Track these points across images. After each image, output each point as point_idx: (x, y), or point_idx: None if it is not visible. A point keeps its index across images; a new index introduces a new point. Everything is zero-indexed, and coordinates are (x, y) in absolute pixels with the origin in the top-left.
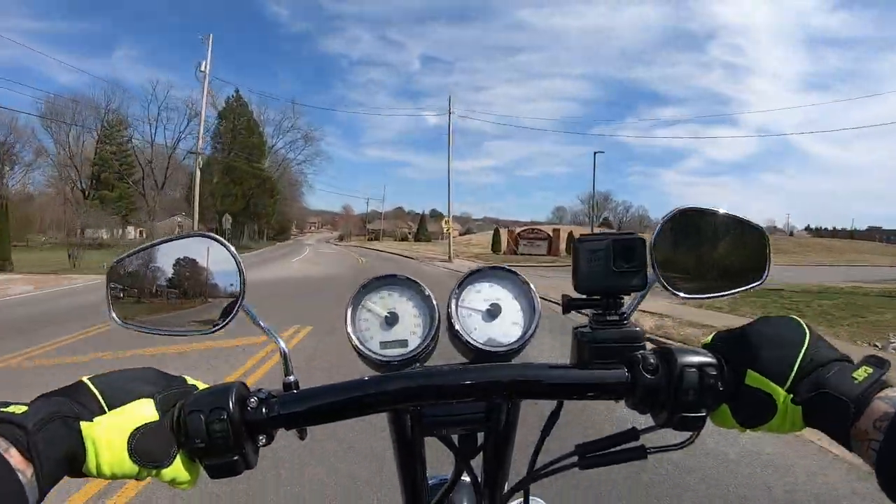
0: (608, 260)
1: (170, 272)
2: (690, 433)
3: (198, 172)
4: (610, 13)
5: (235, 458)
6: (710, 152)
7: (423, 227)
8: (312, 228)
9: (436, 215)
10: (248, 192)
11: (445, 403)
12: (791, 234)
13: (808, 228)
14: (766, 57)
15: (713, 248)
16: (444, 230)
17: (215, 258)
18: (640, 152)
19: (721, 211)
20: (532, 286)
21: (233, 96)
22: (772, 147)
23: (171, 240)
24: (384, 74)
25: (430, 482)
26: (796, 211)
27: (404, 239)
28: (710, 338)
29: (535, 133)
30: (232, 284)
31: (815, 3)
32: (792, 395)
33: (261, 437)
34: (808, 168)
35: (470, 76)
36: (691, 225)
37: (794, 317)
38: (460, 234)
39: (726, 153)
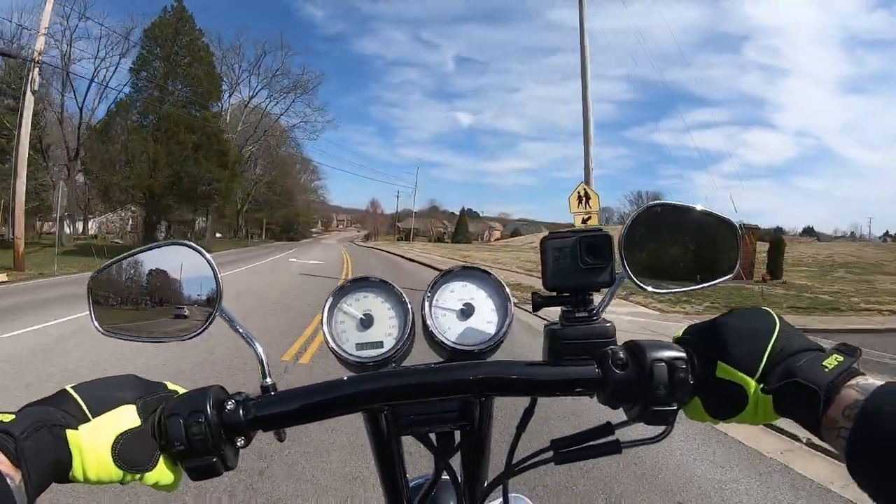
0: (575, 257)
1: (148, 280)
2: (664, 427)
3: (28, 103)
4: (646, 14)
5: (214, 459)
6: (746, 154)
7: (462, 228)
8: (340, 227)
9: (473, 216)
10: (180, 154)
11: (420, 402)
12: (885, 239)
13: (887, 235)
14: (804, 58)
15: (684, 243)
16: (487, 234)
17: (191, 265)
18: (674, 155)
19: (692, 205)
20: (505, 285)
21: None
22: (808, 151)
23: (148, 249)
24: (419, 75)
25: (411, 483)
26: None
27: (439, 239)
28: (681, 332)
29: (570, 135)
30: (209, 290)
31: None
32: (762, 385)
33: (239, 439)
34: (845, 172)
35: (504, 77)
36: (662, 220)
37: (766, 308)
38: (503, 237)
39: (762, 156)
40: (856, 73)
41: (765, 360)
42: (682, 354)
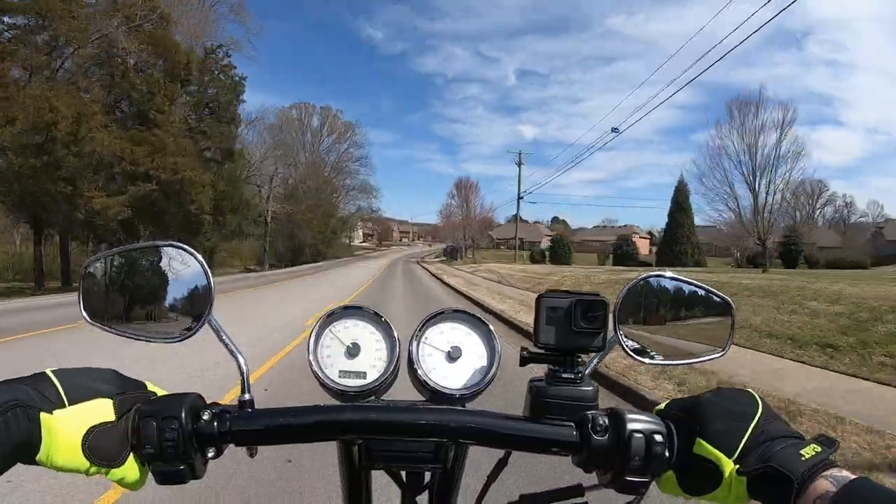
0: (569, 318)
1: (142, 277)
2: (634, 496)
3: None
4: (706, 15)
5: (182, 467)
6: (818, 154)
7: (562, 243)
8: (405, 240)
9: (558, 223)
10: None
11: (395, 439)
12: None
13: None
14: (869, 51)
15: (678, 316)
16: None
17: (186, 269)
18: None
19: (689, 280)
20: (495, 334)
21: None
22: (879, 149)
23: (146, 246)
24: (480, 90)
25: None
26: None
27: (540, 260)
28: (664, 404)
29: (638, 143)
30: (201, 296)
31: None
32: (738, 467)
33: (210, 450)
34: None
35: (566, 88)
36: (658, 292)
37: (750, 390)
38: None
39: (834, 156)
40: None
41: (743, 441)
42: (662, 428)
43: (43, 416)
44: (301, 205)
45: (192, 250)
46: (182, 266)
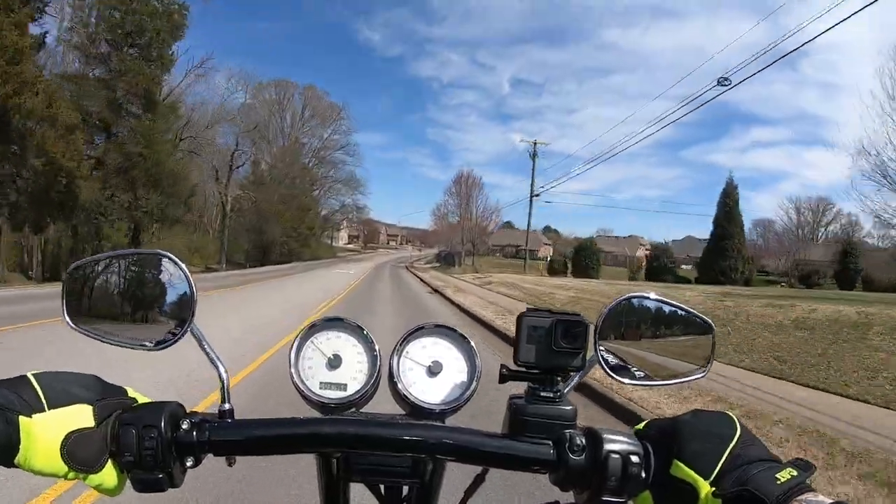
0: (550, 338)
1: (125, 284)
2: None
3: None
4: (702, 32)
5: (161, 476)
6: (808, 174)
7: (586, 254)
8: (392, 243)
9: (551, 232)
10: None
11: (374, 453)
12: None
13: None
14: (861, 73)
15: (658, 337)
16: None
17: (170, 277)
18: (733, 175)
19: (671, 301)
20: (476, 351)
21: None
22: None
23: (130, 253)
24: (475, 97)
25: None
26: None
27: (553, 270)
28: (643, 425)
29: (629, 156)
30: (183, 305)
31: None
32: (714, 489)
33: (189, 459)
34: None
35: (561, 98)
36: (639, 312)
37: (729, 413)
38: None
39: (825, 175)
40: None
41: (720, 464)
42: (639, 450)
43: (22, 419)
44: (273, 194)
45: (177, 259)
46: (166, 274)
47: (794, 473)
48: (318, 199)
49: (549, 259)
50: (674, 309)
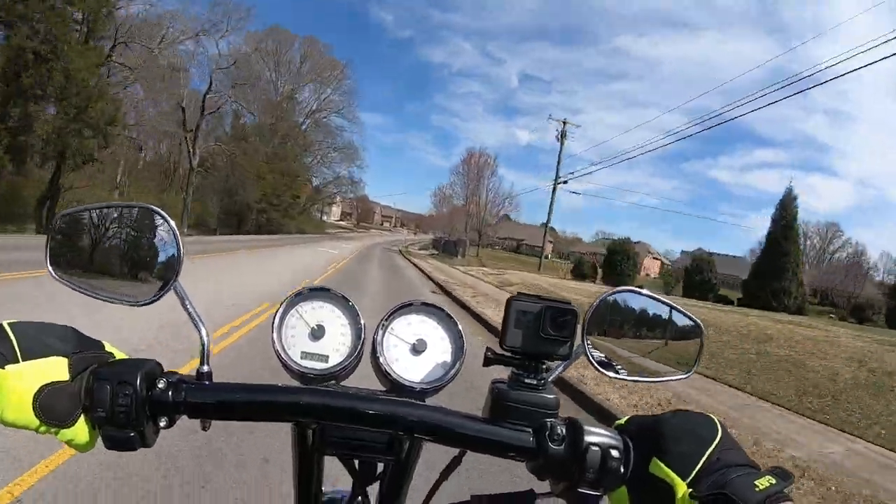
0: (538, 324)
1: (111, 237)
2: None
3: None
4: (713, 47)
5: (133, 434)
6: (806, 200)
7: (621, 258)
8: (387, 225)
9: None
10: None
11: (351, 427)
12: None
13: None
14: (871, 105)
15: (648, 333)
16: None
17: (157, 232)
18: (729, 193)
19: (662, 298)
20: (462, 331)
21: None
22: (866, 202)
23: (118, 206)
24: (482, 88)
25: (325, 495)
26: None
27: (580, 273)
28: (624, 420)
29: (630, 163)
30: (169, 262)
31: None
32: (691, 490)
33: (162, 420)
34: None
35: (567, 98)
36: (630, 306)
37: (711, 415)
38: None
39: (823, 203)
40: None
41: (699, 465)
42: (619, 444)
43: None
44: (256, 154)
45: (165, 214)
46: (153, 229)
47: (773, 481)
48: (309, 168)
49: (574, 259)
50: (664, 307)
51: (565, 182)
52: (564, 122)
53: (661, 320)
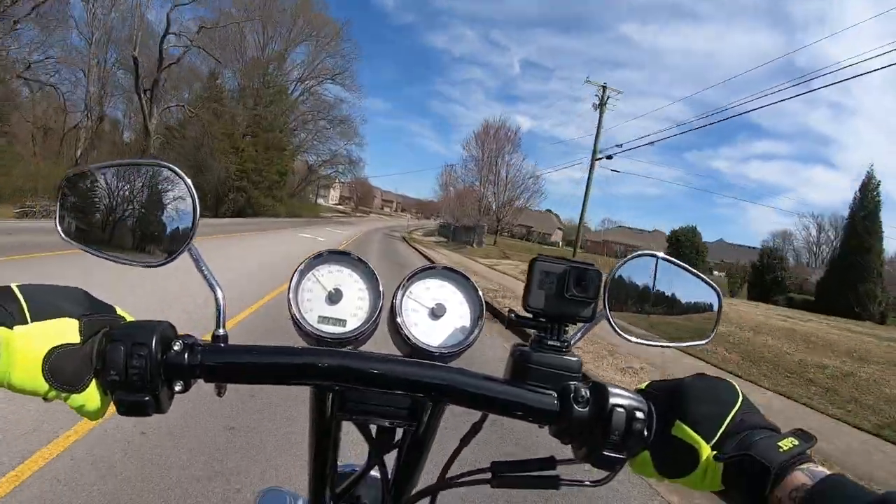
0: (562, 285)
1: (124, 196)
2: (607, 472)
3: None
4: (716, 38)
5: (147, 398)
6: (805, 192)
7: (687, 244)
8: (387, 209)
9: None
10: None
11: (371, 391)
12: None
13: None
14: (872, 100)
15: (667, 299)
16: None
17: (171, 191)
18: (731, 184)
19: (683, 264)
20: (480, 293)
21: None
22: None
23: (130, 163)
24: (484, 74)
25: (339, 469)
26: None
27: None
28: (645, 385)
29: (627, 154)
30: (184, 222)
31: None
32: (715, 453)
33: (177, 383)
34: None
35: (568, 85)
36: (650, 271)
37: (730, 380)
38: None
39: (822, 196)
40: None
41: (723, 427)
42: (644, 406)
43: (2, 331)
44: (234, 121)
45: (180, 171)
46: (168, 187)
47: (796, 443)
48: (302, 145)
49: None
50: (683, 272)
51: (610, 157)
52: (604, 88)
53: (679, 285)
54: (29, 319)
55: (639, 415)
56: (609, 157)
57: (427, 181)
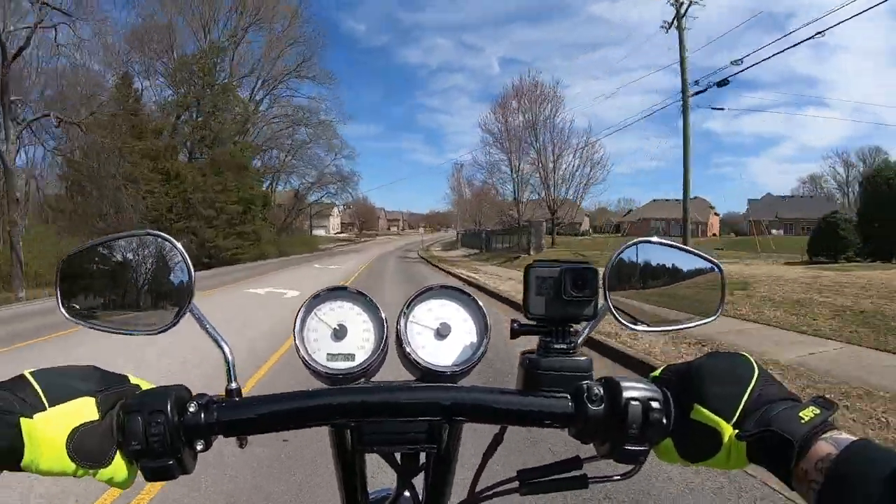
0: (559, 288)
1: (120, 269)
2: (633, 465)
3: None
4: None
5: (171, 462)
6: (803, 137)
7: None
8: (394, 229)
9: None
10: None
11: (386, 420)
12: None
13: None
14: (852, 32)
15: (668, 282)
16: None
17: (166, 258)
18: (728, 142)
19: (677, 244)
20: (485, 310)
21: None
22: (863, 129)
23: (122, 237)
24: (464, 80)
25: (371, 496)
26: None
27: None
28: (659, 371)
29: (621, 131)
30: (181, 285)
31: None
32: (737, 432)
33: (199, 443)
34: None
35: (549, 75)
36: (648, 257)
37: (745, 354)
38: None
39: (820, 138)
40: None
41: (742, 406)
42: (658, 395)
43: (23, 421)
44: (164, 139)
45: (172, 238)
46: (161, 255)
47: (817, 412)
48: (281, 167)
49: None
50: (681, 253)
51: (723, 83)
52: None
53: (679, 266)
54: (47, 405)
55: (654, 405)
56: (722, 84)
57: (430, 192)
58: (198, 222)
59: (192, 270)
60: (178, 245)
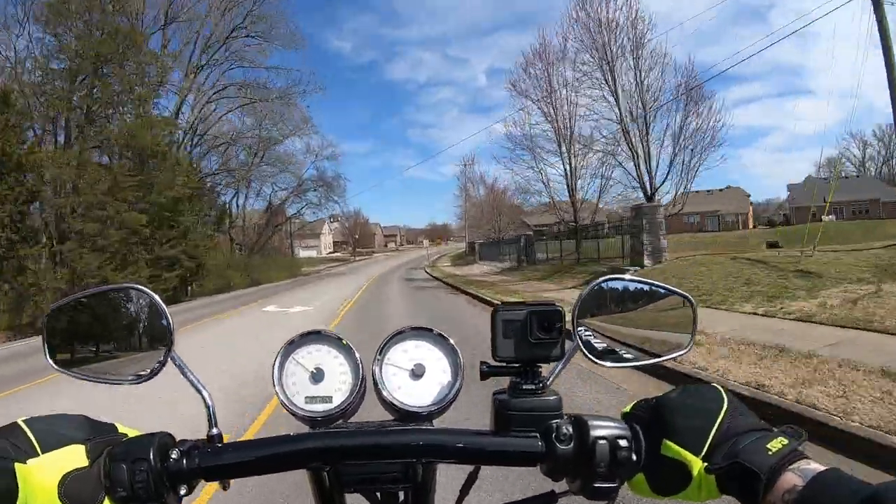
0: (525, 330)
1: (102, 321)
2: (604, 501)
3: None
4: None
5: None
6: (792, 127)
7: None
8: (391, 245)
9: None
10: None
11: (363, 462)
12: None
13: None
14: (830, 18)
15: (639, 318)
16: None
17: (145, 309)
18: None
19: (649, 280)
20: (458, 349)
21: None
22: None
23: (103, 290)
24: (453, 93)
25: None
26: None
27: None
28: (629, 406)
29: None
30: (160, 336)
31: None
32: (706, 465)
33: (182, 487)
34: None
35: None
36: (617, 294)
37: (715, 385)
38: None
39: (809, 125)
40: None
41: (710, 439)
42: (626, 433)
43: (18, 466)
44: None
45: (150, 291)
46: (141, 307)
47: (785, 442)
48: (241, 170)
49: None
50: (653, 289)
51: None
52: None
53: (649, 300)
54: (39, 451)
55: (622, 443)
56: None
57: (426, 207)
58: (70, 244)
59: (172, 321)
60: (157, 297)
